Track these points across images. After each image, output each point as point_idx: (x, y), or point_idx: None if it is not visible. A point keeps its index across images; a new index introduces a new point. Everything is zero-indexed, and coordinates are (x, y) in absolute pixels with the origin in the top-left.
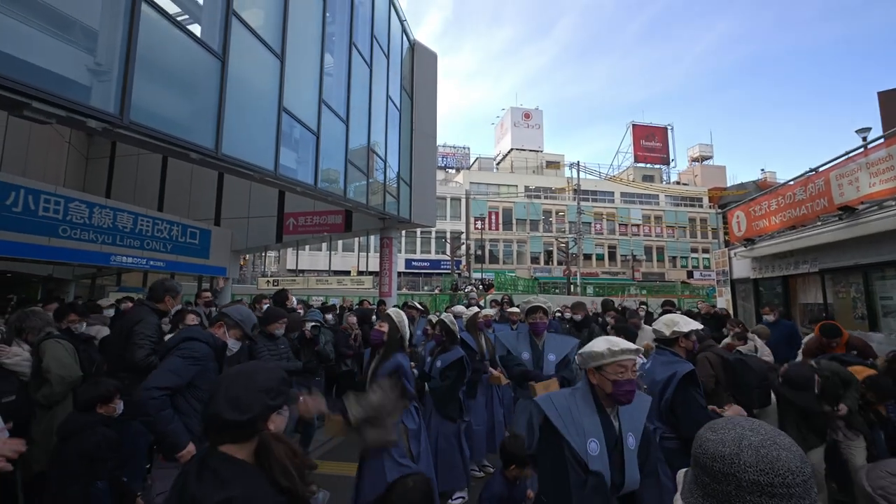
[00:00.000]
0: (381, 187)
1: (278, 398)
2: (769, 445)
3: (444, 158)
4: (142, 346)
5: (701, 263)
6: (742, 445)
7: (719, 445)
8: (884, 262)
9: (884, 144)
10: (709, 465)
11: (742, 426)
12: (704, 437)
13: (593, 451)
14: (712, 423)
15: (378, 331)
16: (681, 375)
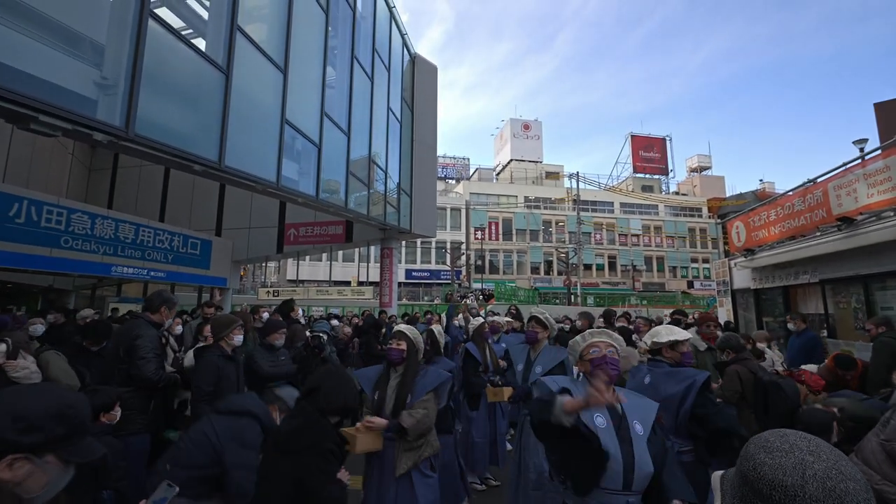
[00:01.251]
0: (382, 198)
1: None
2: (836, 477)
3: (445, 169)
4: (149, 360)
5: (701, 273)
6: (806, 476)
7: (779, 473)
8: (884, 272)
9: (881, 156)
10: (766, 492)
11: (801, 448)
12: (759, 460)
13: (600, 425)
14: (765, 442)
15: (397, 349)
16: (700, 384)
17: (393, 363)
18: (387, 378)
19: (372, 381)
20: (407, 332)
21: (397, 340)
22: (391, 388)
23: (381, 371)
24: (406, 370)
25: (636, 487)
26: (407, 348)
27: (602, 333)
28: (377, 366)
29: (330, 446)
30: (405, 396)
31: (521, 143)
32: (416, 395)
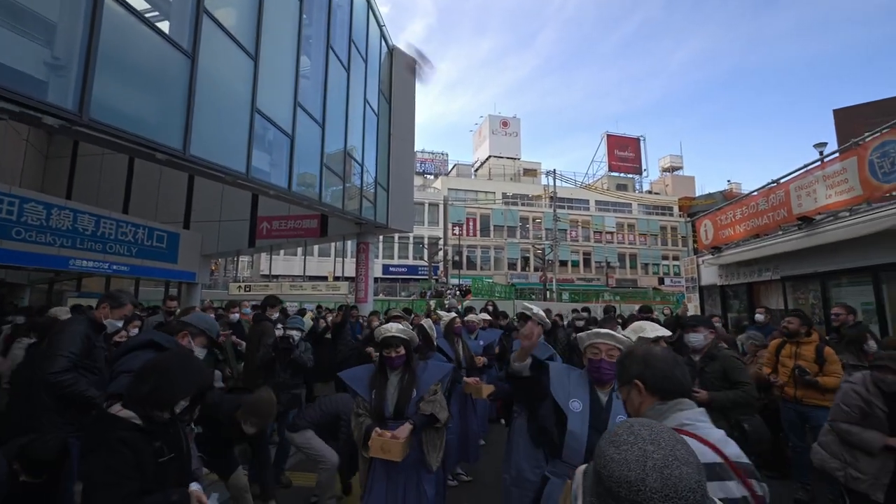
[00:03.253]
0: (358, 192)
1: None
2: (672, 464)
3: (423, 164)
4: (56, 358)
5: (672, 270)
6: (647, 468)
7: (624, 468)
8: (839, 269)
9: (838, 159)
10: (614, 490)
11: (643, 438)
12: (608, 456)
13: (575, 409)
14: (614, 436)
15: (398, 356)
16: None
17: (394, 368)
18: (384, 377)
19: (364, 382)
20: (403, 335)
21: (395, 349)
22: (392, 385)
23: (374, 371)
24: (407, 368)
25: None
26: (406, 350)
27: (607, 335)
28: (366, 365)
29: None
30: (410, 392)
31: (499, 139)
32: (422, 390)
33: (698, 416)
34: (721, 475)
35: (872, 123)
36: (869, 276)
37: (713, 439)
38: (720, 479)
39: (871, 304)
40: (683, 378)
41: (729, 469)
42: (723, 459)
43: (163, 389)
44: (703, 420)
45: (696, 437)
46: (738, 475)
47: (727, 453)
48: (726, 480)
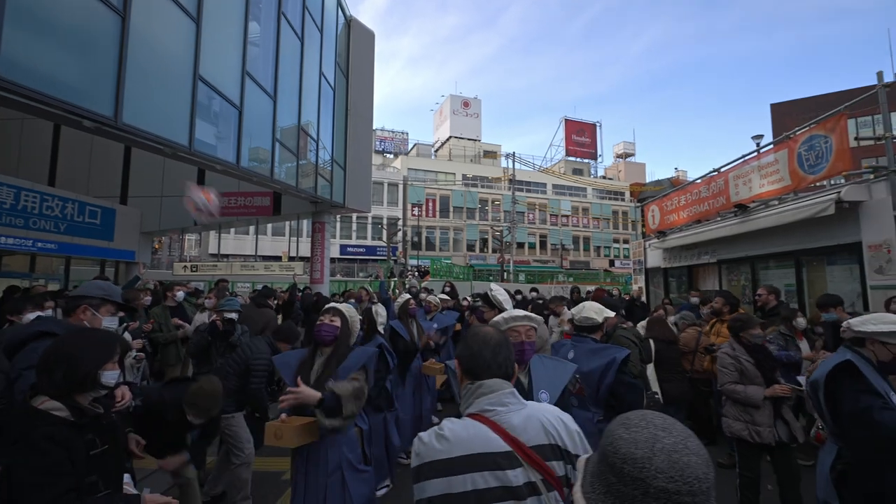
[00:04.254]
0: (314, 169)
1: None
2: (681, 450)
3: (382, 143)
4: None
5: (622, 253)
6: (655, 449)
7: (631, 446)
8: (767, 254)
9: (772, 150)
10: (618, 465)
11: (655, 425)
12: (617, 435)
13: None
14: (626, 419)
15: (329, 325)
16: (620, 361)
17: (323, 343)
18: (311, 363)
19: (293, 368)
20: (343, 309)
21: (331, 315)
22: (314, 371)
23: (305, 356)
24: (333, 352)
25: None
26: (341, 328)
27: (524, 317)
28: (299, 350)
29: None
30: (327, 379)
31: (460, 120)
32: (341, 375)
33: (503, 400)
34: (500, 464)
35: (803, 118)
36: (792, 260)
37: (510, 425)
38: (498, 469)
39: (792, 286)
40: (493, 359)
41: (517, 456)
42: (513, 447)
43: (76, 367)
44: (509, 402)
45: (491, 424)
46: (531, 460)
47: (525, 439)
48: (505, 469)
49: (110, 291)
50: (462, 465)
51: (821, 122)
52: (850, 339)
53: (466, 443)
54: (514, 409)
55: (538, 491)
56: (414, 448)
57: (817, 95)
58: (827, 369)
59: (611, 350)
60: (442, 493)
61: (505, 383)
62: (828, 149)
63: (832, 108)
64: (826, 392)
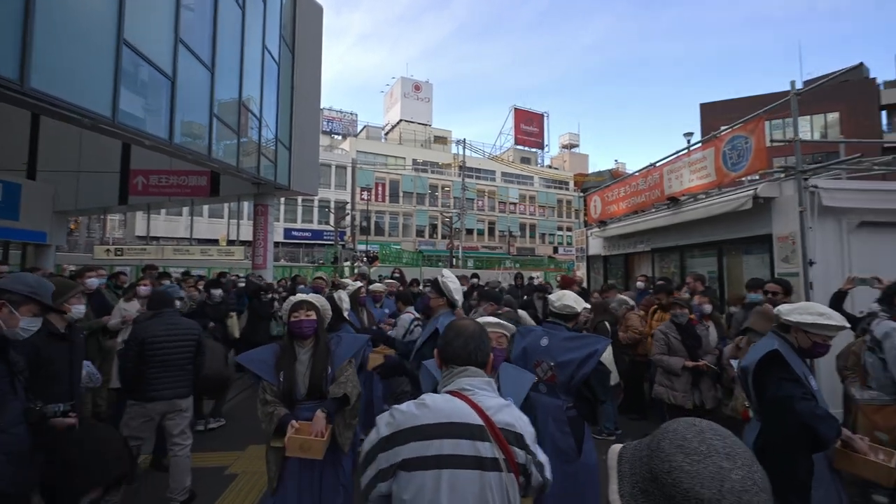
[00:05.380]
0: (256, 148)
1: None
2: (751, 489)
3: (330, 123)
4: None
5: (565, 240)
6: (724, 490)
7: (696, 484)
8: (693, 244)
9: (701, 148)
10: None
11: (718, 452)
12: (676, 464)
13: None
14: (684, 441)
15: (308, 320)
16: (602, 352)
17: (303, 337)
18: (292, 355)
19: (270, 363)
20: (315, 301)
21: (305, 310)
22: (302, 364)
23: (279, 350)
24: (318, 342)
25: None
26: (318, 320)
27: (495, 325)
28: (269, 345)
29: None
30: (323, 369)
31: (411, 103)
32: (336, 365)
33: (480, 384)
34: (474, 434)
35: (727, 119)
36: (715, 250)
37: (486, 405)
38: (472, 438)
39: (714, 273)
40: (465, 348)
41: (488, 432)
42: (486, 423)
43: None
44: (485, 388)
45: (468, 400)
46: (499, 440)
47: (495, 419)
48: (477, 441)
49: (38, 290)
50: (440, 430)
51: (743, 123)
52: (778, 325)
53: (446, 412)
54: (491, 394)
55: (500, 468)
56: (384, 420)
57: (740, 98)
58: (757, 357)
59: (590, 340)
60: (417, 456)
61: (483, 372)
62: (748, 148)
63: (753, 110)
64: (754, 377)
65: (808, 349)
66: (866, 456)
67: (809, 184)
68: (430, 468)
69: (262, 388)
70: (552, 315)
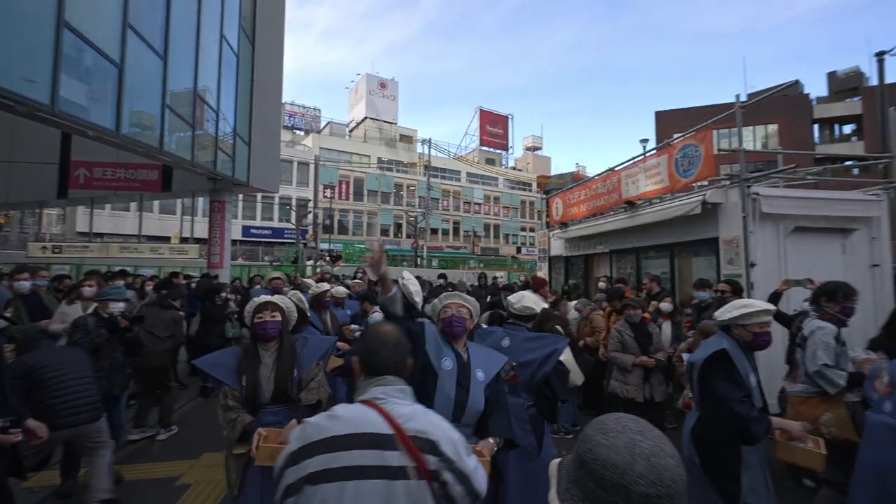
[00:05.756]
0: (213, 142)
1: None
2: (659, 454)
3: (292, 118)
4: None
5: (528, 241)
6: (635, 454)
7: (612, 452)
8: (649, 245)
9: (656, 154)
10: (598, 472)
11: (631, 429)
12: (596, 441)
13: (446, 367)
14: (602, 424)
15: (273, 321)
16: (561, 352)
17: (267, 338)
18: (256, 358)
19: (231, 367)
20: (279, 302)
21: (271, 311)
22: (266, 367)
23: (241, 353)
24: (283, 344)
25: (465, 421)
26: (282, 321)
27: (454, 296)
28: (229, 349)
29: None
30: (289, 372)
31: (376, 101)
32: (303, 368)
33: (394, 393)
34: (383, 444)
35: (680, 126)
36: (668, 252)
37: (397, 413)
38: (379, 448)
39: (667, 273)
40: (389, 358)
41: (398, 441)
42: (395, 432)
43: None
44: (398, 396)
45: (379, 409)
46: (409, 447)
47: (406, 427)
48: (384, 450)
49: None
50: (348, 441)
51: (693, 133)
52: (721, 327)
53: (356, 422)
54: (404, 402)
55: (409, 476)
56: (295, 433)
57: (691, 108)
58: (705, 354)
59: (549, 340)
60: (324, 468)
61: (400, 380)
62: (698, 156)
63: (703, 119)
64: (700, 372)
65: (751, 342)
66: (802, 442)
67: (751, 191)
68: (334, 480)
69: (224, 392)
70: (512, 316)
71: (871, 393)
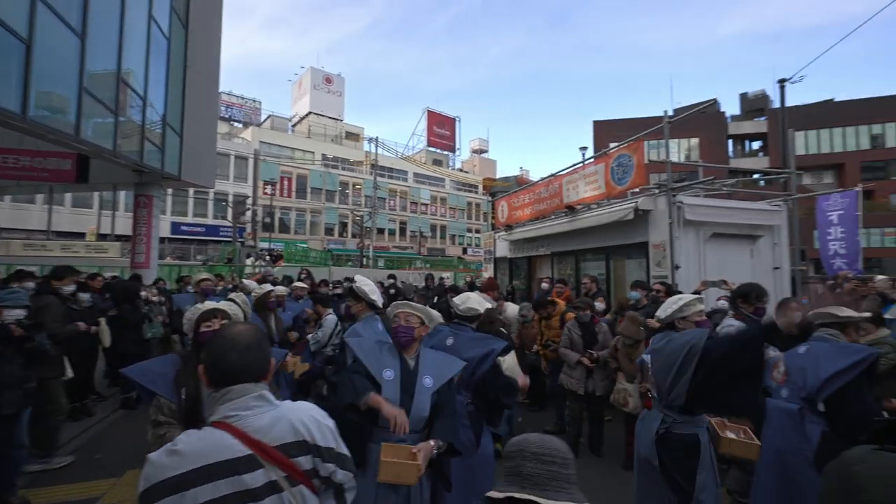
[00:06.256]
0: (139, 130)
1: None
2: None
3: (230, 109)
4: None
5: (474, 242)
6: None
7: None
8: (587, 248)
9: (594, 162)
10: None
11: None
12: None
13: (388, 377)
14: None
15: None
16: (499, 351)
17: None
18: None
19: (169, 378)
20: (228, 310)
21: (220, 319)
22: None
23: (180, 362)
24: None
25: (411, 427)
26: None
27: (404, 305)
28: (166, 357)
29: None
30: None
31: (321, 96)
32: None
33: (249, 404)
34: (238, 470)
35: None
36: (604, 255)
37: (254, 429)
38: (235, 475)
39: (603, 275)
40: (242, 361)
41: (259, 458)
42: (253, 450)
43: None
44: (255, 405)
45: (231, 429)
46: (273, 459)
47: (268, 440)
48: (243, 474)
49: None
50: (195, 478)
51: (627, 144)
52: (666, 326)
53: (203, 453)
54: (262, 411)
55: (280, 489)
56: (143, 473)
57: (625, 119)
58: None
59: (490, 340)
60: None
61: (254, 386)
62: (631, 166)
63: (636, 129)
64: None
65: None
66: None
67: (676, 200)
68: None
69: (156, 406)
70: (457, 317)
71: (770, 381)
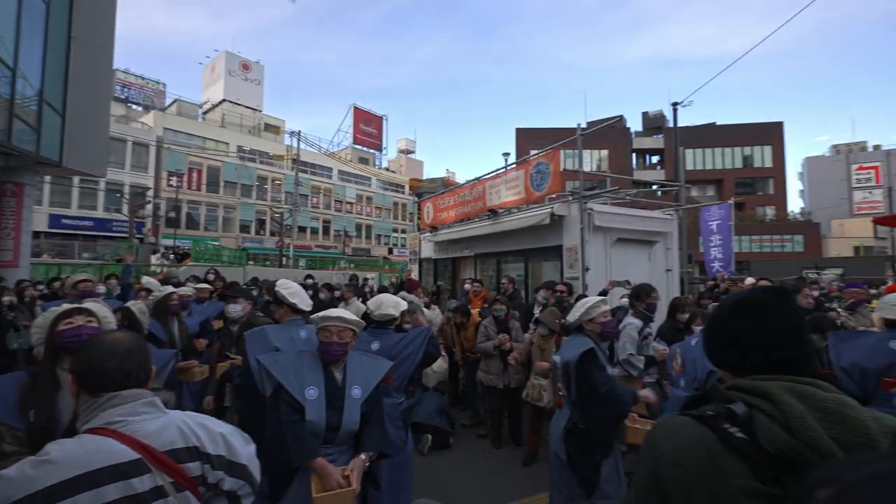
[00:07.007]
0: (7, 106)
1: None
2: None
3: (127, 90)
4: None
5: (400, 242)
6: None
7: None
8: (507, 251)
9: (515, 168)
10: None
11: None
12: None
13: (311, 396)
14: None
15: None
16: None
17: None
18: (53, 382)
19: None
20: (95, 309)
21: (86, 316)
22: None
23: (26, 380)
24: None
25: (339, 441)
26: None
27: (335, 318)
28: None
29: None
30: None
31: (237, 83)
32: None
33: (137, 409)
34: (125, 474)
35: (536, 144)
36: (522, 257)
37: (144, 433)
38: (122, 479)
39: (522, 276)
40: (121, 369)
41: (147, 463)
42: (142, 454)
43: None
44: (144, 412)
45: (118, 435)
46: (161, 464)
47: (158, 444)
48: (131, 478)
49: None
50: (73, 486)
51: (545, 152)
52: (576, 329)
53: (82, 461)
54: (150, 417)
55: (165, 494)
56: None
57: (545, 128)
58: (577, 354)
59: (415, 334)
60: None
61: (143, 392)
62: (548, 173)
63: (554, 139)
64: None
65: (601, 333)
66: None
67: (587, 206)
68: None
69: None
70: (375, 323)
71: (671, 372)
